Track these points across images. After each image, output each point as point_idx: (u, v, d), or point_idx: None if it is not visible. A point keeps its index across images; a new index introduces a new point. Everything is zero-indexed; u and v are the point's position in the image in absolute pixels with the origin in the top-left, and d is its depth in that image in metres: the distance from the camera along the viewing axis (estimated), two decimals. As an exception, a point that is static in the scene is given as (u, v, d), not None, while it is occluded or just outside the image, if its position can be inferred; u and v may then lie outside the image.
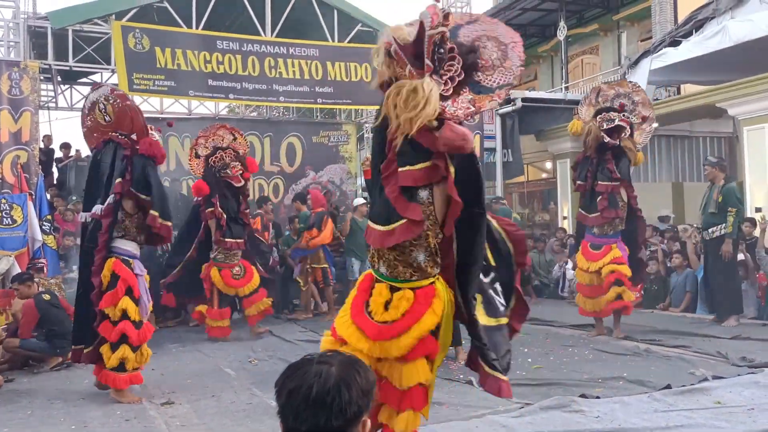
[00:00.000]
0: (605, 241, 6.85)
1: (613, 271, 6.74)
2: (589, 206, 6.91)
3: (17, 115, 9.55)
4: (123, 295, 4.94)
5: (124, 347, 4.95)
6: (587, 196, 6.91)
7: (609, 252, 6.79)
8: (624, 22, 17.86)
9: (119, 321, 4.94)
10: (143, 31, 10.37)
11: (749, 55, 10.84)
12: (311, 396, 1.38)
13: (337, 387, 1.40)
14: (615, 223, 6.83)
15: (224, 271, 7.54)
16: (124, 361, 4.94)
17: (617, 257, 6.76)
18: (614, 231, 6.85)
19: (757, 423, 3.82)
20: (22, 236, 7.67)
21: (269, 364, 6.16)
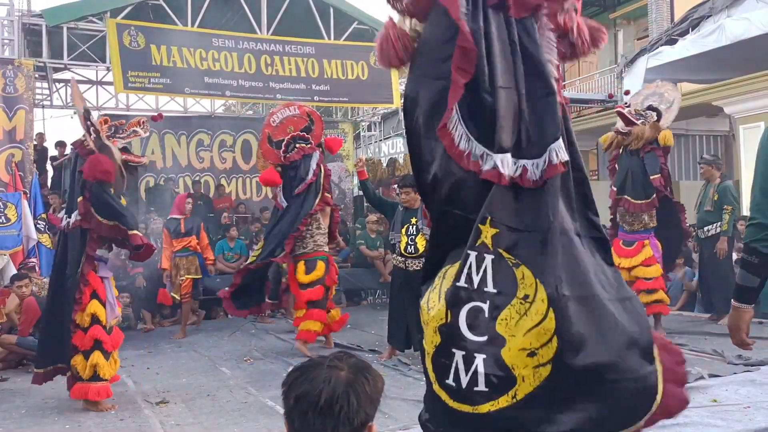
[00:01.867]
0: (636, 237, 6.86)
1: (644, 278, 6.72)
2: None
3: (12, 113, 9.51)
4: (89, 299, 4.65)
5: (97, 353, 4.63)
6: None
7: (641, 250, 6.78)
8: (620, 21, 17.88)
9: (89, 327, 4.64)
10: (138, 28, 10.33)
11: (746, 54, 10.85)
12: (319, 403, 1.37)
13: (346, 394, 1.38)
14: (644, 220, 6.84)
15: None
16: (98, 369, 4.62)
17: (648, 257, 6.74)
18: (644, 227, 6.85)
19: (753, 421, 3.80)
20: (17, 235, 7.64)
21: (265, 363, 6.14)
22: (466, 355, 2.10)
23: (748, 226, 2.17)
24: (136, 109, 12.86)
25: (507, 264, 2.12)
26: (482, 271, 2.12)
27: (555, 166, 2.12)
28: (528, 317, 2.09)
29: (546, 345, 2.09)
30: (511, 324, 2.09)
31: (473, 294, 2.12)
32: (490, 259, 2.12)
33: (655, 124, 6.79)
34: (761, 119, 9.59)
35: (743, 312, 2.20)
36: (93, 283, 4.69)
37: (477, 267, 2.12)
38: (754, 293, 2.19)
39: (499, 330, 2.09)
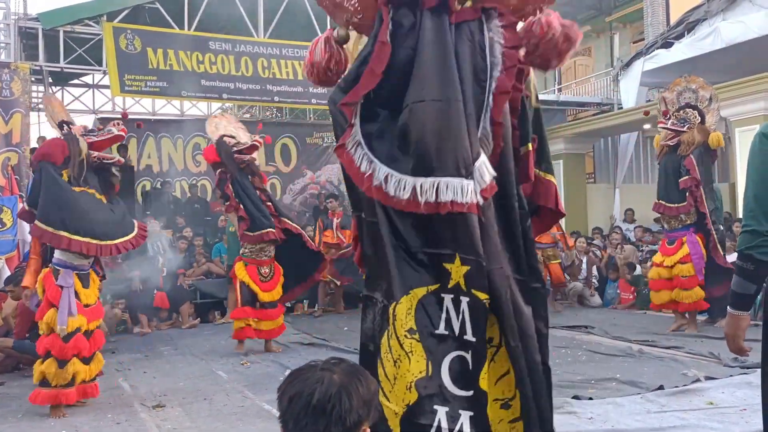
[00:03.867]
0: (677, 235, 6.93)
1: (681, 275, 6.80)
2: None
3: (8, 116, 9.50)
4: (48, 308, 4.55)
5: (48, 362, 4.56)
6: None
7: (680, 248, 6.84)
8: (616, 24, 17.93)
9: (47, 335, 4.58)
10: (135, 32, 10.33)
11: (741, 57, 10.90)
12: (312, 402, 1.38)
13: (338, 394, 1.39)
14: (681, 218, 6.90)
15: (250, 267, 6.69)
16: (47, 377, 4.56)
17: (685, 255, 6.80)
18: (682, 224, 6.90)
19: (749, 424, 3.81)
20: (12, 240, 7.62)
21: (262, 367, 6.13)
22: (450, 412, 1.87)
23: (742, 233, 2.17)
24: (133, 113, 12.84)
25: (483, 306, 1.91)
26: (461, 315, 1.91)
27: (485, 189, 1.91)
28: (497, 363, 1.96)
29: (515, 398, 1.97)
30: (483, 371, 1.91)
31: (456, 342, 1.91)
32: (466, 302, 1.91)
33: (702, 127, 6.86)
34: (757, 122, 9.61)
35: (740, 319, 2.20)
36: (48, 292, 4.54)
37: (456, 312, 1.91)
38: (750, 300, 2.19)
39: (481, 384, 1.90)
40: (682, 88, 7.18)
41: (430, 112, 1.89)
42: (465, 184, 1.87)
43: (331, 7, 2.12)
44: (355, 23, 2.10)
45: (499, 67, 1.96)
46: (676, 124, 6.97)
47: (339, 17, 2.12)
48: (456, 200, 1.87)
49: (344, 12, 2.08)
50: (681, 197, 6.83)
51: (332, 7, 2.12)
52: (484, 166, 1.91)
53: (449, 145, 1.88)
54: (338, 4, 2.08)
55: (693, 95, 7.07)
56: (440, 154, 1.88)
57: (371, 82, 1.95)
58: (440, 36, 1.95)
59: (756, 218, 2.12)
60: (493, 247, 1.94)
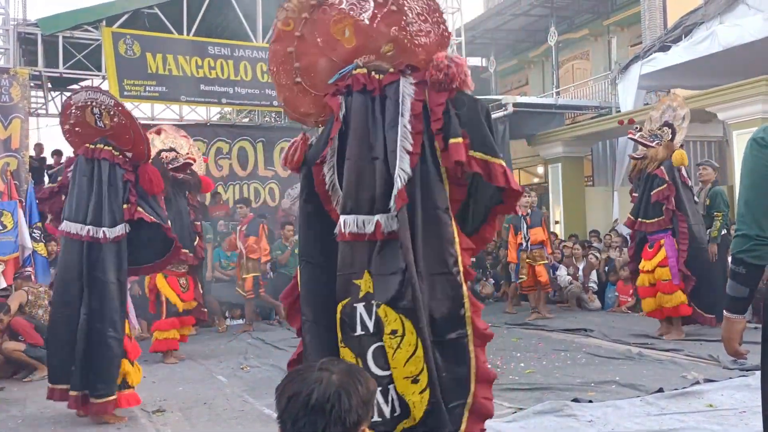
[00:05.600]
0: (655, 238, 6.97)
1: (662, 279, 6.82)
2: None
3: (7, 122, 9.51)
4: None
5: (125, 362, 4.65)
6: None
7: (658, 251, 6.88)
8: (614, 28, 17.97)
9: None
10: (134, 37, 10.36)
11: (738, 60, 10.93)
12: (310, 402, 1.38)
13: (337, 394, 1.39)
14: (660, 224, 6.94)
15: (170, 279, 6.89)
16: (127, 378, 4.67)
17: (663, 259, 6.83)
18: (660, 228, 6.92)
19: (749, 426, 3.82)
20: (13, 241, 7.63)
21: (261, 371, 6.14)
22: (383, 389, 2.47)
23: (734, 238, 2.22)
24: (132, 118, 12.84)
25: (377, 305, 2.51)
26: (374, 315, 2.50)
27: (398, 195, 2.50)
28: (402, 349, 2.47)
29: (422, 372, 2.48)
30: (389, 357, 2.48)
31: (373, 337, 2.51)
32: (376, 304, 2.51)
33: (669, 143, 6.89)
34: (754, 125, 9.64)
35: (735, 323, 2.23)
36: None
37: (368, 314, 2.51)
38: (744, 303, 2.23)
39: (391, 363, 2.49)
40: (665, 107, 7.28)
41: (350, 168, 2.60)
42: (375, 219, 2.54)
43: (302, 117, 2.91)
44: (321, 121, 2.87)
45: (408, 114, 2.59)
46: (645, 138, 7.03)
47: (309, 122, 2.93)
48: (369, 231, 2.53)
49: (312, 117, 2.89)
50: (658, 211, 6.85)
51: (303, 117, 2.91)
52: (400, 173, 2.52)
53: (363, 193, 2.57)
54: (305, 113, 2.89)
55: (672, 113, 7.13)
56: (357, 199, 2.56)
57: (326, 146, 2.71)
58: (362, 109, 2.64)
59: (746, 223, 2.17)
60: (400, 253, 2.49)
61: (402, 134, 2.56)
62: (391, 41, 2.69)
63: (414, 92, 2.63)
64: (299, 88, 2.86)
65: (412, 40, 2.66)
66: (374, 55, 2.72)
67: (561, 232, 13.27)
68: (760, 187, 2.18)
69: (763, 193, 2.17)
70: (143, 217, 4.63)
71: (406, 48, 2.68)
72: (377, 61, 2.71)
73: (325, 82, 2.79)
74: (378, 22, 2.69)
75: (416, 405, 2.46)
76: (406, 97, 2.61)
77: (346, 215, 2.57)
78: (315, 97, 2.83)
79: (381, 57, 2.72)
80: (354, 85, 2.67)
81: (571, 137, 13.53)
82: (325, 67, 2.80)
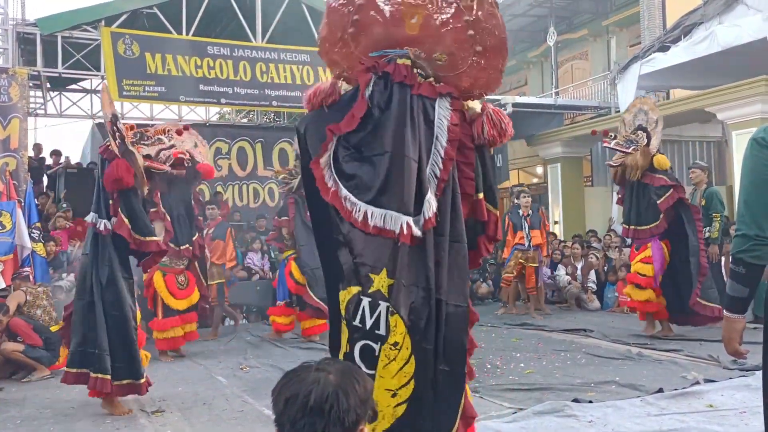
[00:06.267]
0: (644, 241, 7.02)
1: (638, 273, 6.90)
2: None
3: (6, 122, 9.50)
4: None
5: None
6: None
7: (644, 250, 6.94)
8: (613, 28, 17.98)
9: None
10: (133, 37, 10.34)
11: (737, 60, 10.93)
12: (309, 403, 1.36)
13: (336, 394, 1.37)
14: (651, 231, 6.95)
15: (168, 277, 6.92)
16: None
17: (647, 256, 6.88)
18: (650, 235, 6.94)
19: (749, 426, 3.82)
20: (11, 242, 7.61)
21: (261, 371, 6.13)
22: None
23: (734, 238, 2.23)
24: (131, 118, 12.85)
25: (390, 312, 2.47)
26: (376, 315, 2.48)
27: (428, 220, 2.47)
28: (396, 362, 2.45)
29: (405, 386, 2.46)
30: (381, 366, 2.46)
31: (366, 334, 2.50)
32: (385, 306, 2.47)
33: (646, 149, 6.87)
34: (754, 125, 9.64)
35: (735, 322, 2.24)
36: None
37: (371, 311, 2.49)
38: (744, 303, 2.24)
39: (378, 368, 2.46)
40: (637, 110, 7.24)
41: (390, 162, 2.51)
42: (403, 219, 2.46)
43: (330, 62, 2.80)
44: (345, 77, 2.78)
45: (444, 138, 2.57)
46: (621, 144, 7.01)
47: (334, 70, 2.82)
48: (394, 229, 2.47)
49: (338, 67, 2.78)
50: (654, 217, 6.83)
51: (330, 63, 2.80)
52: (429, 202, 2.49)
53: (396, 189, 2.49)
54: (335, 61, 2.76)
55: (645, 117, 7.10)
56: (391, 194, 2.50)
57: (352, 123, 2.59)
58: (403, 105, 2.57)
59: (746, 223, 2.18)
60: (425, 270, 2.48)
61: (434, 158, 2.56)
62: (447, 53, 2.64)
63: (450, 117, 2.61)
64: (343, 36, 2.72)
65: (466, 66, 2.64)
66: (425, 55, 2.67)
67: (560, 232, 13.27)
68: (760, 187, 2.18)
69: (763, 193, 2.17)
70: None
71: (457, 68, 2.65)
72: (425, 62, 2.67)
73: (368, 47, 2.70)
74: (448, 30, 2.63)
75: (385, 416, 2.45)
76: (443, 120, 2.60)
77: (374, 207, 2.50)
78: (352, 53, 2.72)
79: (430, 60, 2.67)
80: (395, 75, 2.60)
81: (570, 137, 13.53)
82: (378, 36, 2.69)
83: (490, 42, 2.60)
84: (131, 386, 4.76)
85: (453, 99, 2.65)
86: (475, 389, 5.02)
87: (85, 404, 5.06)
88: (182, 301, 6.94)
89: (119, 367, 4.70)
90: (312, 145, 2.70)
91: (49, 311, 6.57)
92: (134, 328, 4.82)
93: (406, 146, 2.51)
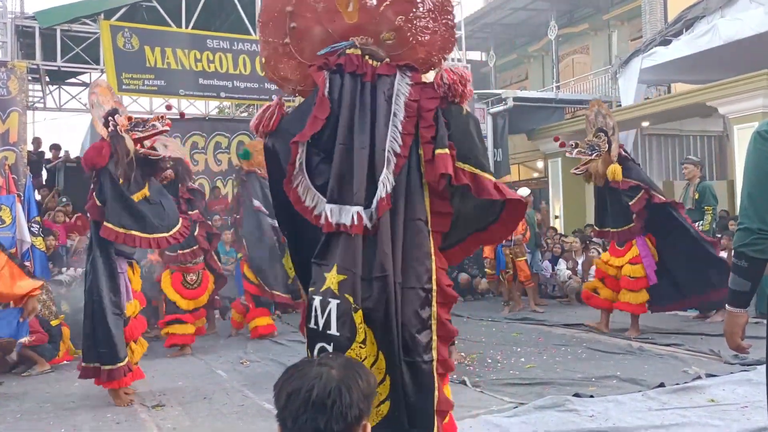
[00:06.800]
0: (626, 238, 6.91)
1: (630, 276, 6.78)
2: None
3: (5, 115, 9.45)
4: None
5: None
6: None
7: (630, 250, 6.85)
8: (614, 22, 17.93)
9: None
10: (132, 30, 10.29)
11: (739, 54, 10.90)
12: (311, 398, 1.35)
13: (338, 389, 1.36)
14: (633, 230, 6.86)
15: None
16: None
17: (635, 256, 6.80)
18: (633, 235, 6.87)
19: (751, 421, 3.81)
20: (11, 237, 7.59)
21: (261, 366, 6.12)
22: None
23: (737, 231, 2.21)
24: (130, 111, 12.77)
25: (350, 308, 2.34)
26: (326, 314, 2.35)
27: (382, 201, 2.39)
28: (367, 360, 2.33)
29: (382, 383, 2.34)
30: None
31: (320, 335, 2.37)
32: (336, 304, 2.34)
33: (606, 156, 6.82)
34: (755, 119, 9.62)
35: (738, 316, 2.22)
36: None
37: (322, 311, 2.36)
38: (746, 297, 2.22)
39: None
40: (596, 111, 7.14)
41: (339, 153, 2.46)
42: (354, 210, 2.38)
43: (280, 81, 2.76)
44: (299, 90, 2.75)
45: (401, 114, 2.49)
46: (582, 151, 6.94)
47: (287, 88, 2.78)
48: (346, 222, 2.39)
49: (290, 83, 2.74)
50: (626, 220, 6.76)
51: (281, 81, 2.76)
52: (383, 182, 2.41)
53: (346, 181, 2.44)
54: (285, 77, 2.73)
55: (603, 120, 7.02)
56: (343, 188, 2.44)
57: (316, 126, 2.50)
58: (353, 95, 2.51)
59: (749, 216, 2.16)
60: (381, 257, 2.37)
61: (392, 134, 2.46)
62: (393, 30, 2.58)
63: (409, 92, 2.52)
64: (285, 49, 2.69)
65: (416, 35, 2.56)
66: (372, 39, 2.60)
67: (561, 226, 13.25)
68: (763, 180, 2.17)
69: (766, 186, 2.15)
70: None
71: (407, 41, 2.58)
72: (374, 46, 2.60)
73: (314, 51, 2.64)
74: (386, 6, 2.57)
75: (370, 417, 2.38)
76: (400, 96, 2.52)
77: (332, 204, 2.43)
78: (300, 63, 2.68)
79: (379, 43, 2.60)
80: (346, 66, 2.54)
81: (572, 132, 13.48)
82: (319, 36, 2.65)
83: (432, 2, 2.54)
84: (96, 370, 4.78)
85: (413, 72, 2.56)
86: (475, 384, 5.02)
87: (86, 398, 5.06)
88: (189, 301, 6.95)
89: (89, 346, 4.78)
90: (284, 160, 2.61)
91: (49, 305, 6.56)
92: (115, 314, 4.77)
93: (355, 136, 2.46)
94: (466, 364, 5.81)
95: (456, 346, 6.01)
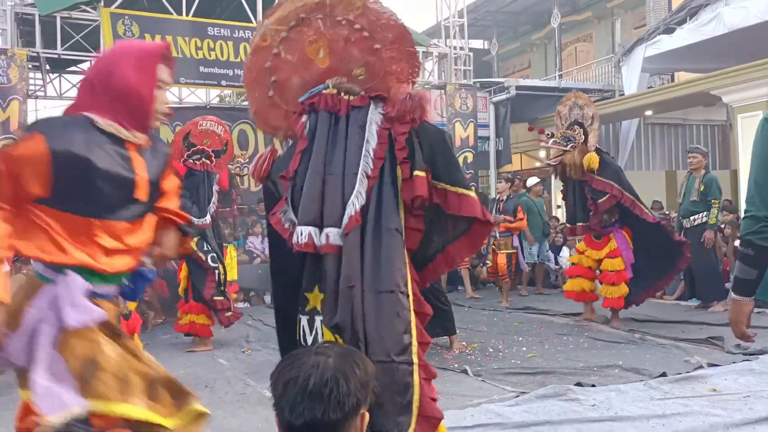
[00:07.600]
0: (605, 232, 6.89)
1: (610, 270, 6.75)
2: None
3: (5, 104, 9.42)
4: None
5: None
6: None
7: (607, 243, 6.83)
8: (618, 10, 17.82)
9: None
10: (132, 17, 10.23)
11: (743, 42, 10.83)
12: (308, 387, 1.34)
13: (335, 378, 1.35)
14: (605, 219, 6.85)
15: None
16: None
17: (613, 250, 6.78)
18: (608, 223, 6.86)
19: (753, 410, 3.80)
20: (12, 227, 7.59)
21: (263, 354, 6.13)
22: None
23: (743, 219, 2.20)
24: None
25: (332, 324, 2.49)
26: (314, 331, 2.55)
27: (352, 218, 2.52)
28: None
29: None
30: None
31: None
32: (320, 320, 2.53)
33: (583, 147, 6.78)
34: (759, 108, 9.56)
35: (743, 305, 2.21)
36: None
37: (309, 329, 2.56)
38: (752, 285, 2.21)
39: None
40: (572, 104, 7.09)
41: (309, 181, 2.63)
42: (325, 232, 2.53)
43: (272, 130, 3.01)
44: (290, 135, 2.93)
45: (374, 141, 2.63)
46: (558, 143, 6.89)
47: (279, 135, 3.01)
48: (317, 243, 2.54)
49: (281, 130, 2.97)
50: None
51: (273, 130, 3.01)
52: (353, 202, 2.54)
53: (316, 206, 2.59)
54: (276, 126, 2.97)
55: (580, 112, 6.97)
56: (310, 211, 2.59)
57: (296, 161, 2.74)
58: (324, 128, 2.70)
59: (756, 204, 2.14)
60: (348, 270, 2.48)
61: (364, 159, 2.62)
62: (363, 65, 2.76)
63: (381, 120, 2.68)
64: (271, 102, 2.94)
65: (383, 67, 2.74)
66: (346, 77, 2.78)
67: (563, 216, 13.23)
68: None
69: None
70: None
71: (378, 73, 2.75)
72: (348, 84, 2.77)
73: (296, 98, 2.86)
74: (351, 45, 2.76)
75: None
76: (372, 124, 2.67)
77: (302, 226, 2.59)
78: (286, 111, 2.91)
79: (352, 80, 2.78)
80: (319, 104, 2.74)
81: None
82: (298, 84, 2.87)
83: (392, 34, 2.73)
84: None
85: (385, 102, 2.72)
86: (477, 373, 5.02)
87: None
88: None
89: None
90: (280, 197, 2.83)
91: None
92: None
93: (327, 164, 2.64)
94: (467, 353, 5.81)
95: (457, 335, 6.01)
